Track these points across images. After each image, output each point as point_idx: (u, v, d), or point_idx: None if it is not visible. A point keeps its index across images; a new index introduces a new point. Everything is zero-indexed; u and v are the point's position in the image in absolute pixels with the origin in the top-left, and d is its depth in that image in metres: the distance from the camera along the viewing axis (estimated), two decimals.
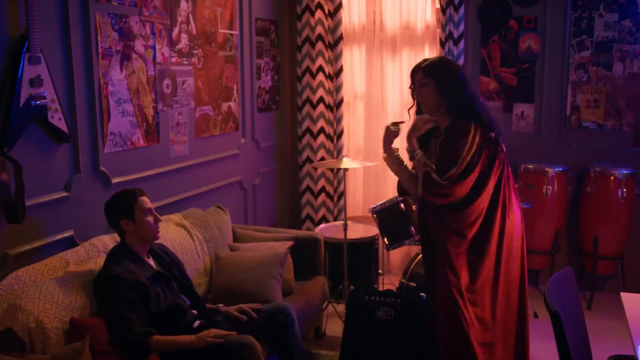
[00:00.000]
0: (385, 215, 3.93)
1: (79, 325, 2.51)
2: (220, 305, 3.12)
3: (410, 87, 2.92)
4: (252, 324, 3.03)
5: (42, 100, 2.71)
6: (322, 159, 5.26)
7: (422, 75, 2.82)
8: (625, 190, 4.48)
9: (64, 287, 2.62)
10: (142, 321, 2.62)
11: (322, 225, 4.77)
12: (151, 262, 2.91)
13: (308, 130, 5.26)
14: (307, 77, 5.20)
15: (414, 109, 2.97)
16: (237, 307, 3.09)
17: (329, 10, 5.14)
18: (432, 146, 2.91)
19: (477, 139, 2.71)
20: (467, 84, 2.83)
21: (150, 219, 2.83)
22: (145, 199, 2.85)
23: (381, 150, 2.99)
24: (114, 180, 3.28)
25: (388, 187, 5.29)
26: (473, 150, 2.70)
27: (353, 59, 5.34)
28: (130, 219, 2.79)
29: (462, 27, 4.81)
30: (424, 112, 2.89)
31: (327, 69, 5.19)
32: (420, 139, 2.91)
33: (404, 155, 2.94)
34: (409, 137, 2.89)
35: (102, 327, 2.55)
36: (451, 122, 2.79)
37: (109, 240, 3.09)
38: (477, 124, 2.72)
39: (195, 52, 3.94)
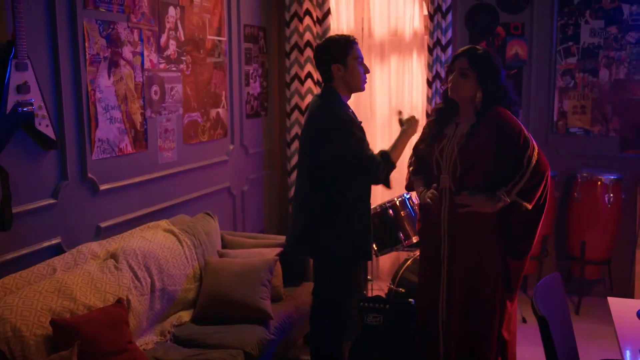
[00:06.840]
0: (374, 221, 3.93)
1: (60, 326, 2.45)
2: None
3: (446, 66, 2.94)
4: None
5: (29, 107, 2.70)
6: None
7: (467, 64, 2.74)
8: (612, 195, 4.52)
9: (44, 292, 2.57)
10: None
11: None
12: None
13: (297, 136, 5.25)
14: (296, 83, 5.21)
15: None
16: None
17: (317, 17, 5.15)
18: (450, 131, 2.83)
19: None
20: (507, 85, 2.81)
21: (361, 67, 2.88)
22: (358, 47, 2.91)
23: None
24: (102, 187, 3.26)
25: (377, 193, 5.28)
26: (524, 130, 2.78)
27: None
28: (343, 64, 2.83)
29: (449, 34, 4.84)
30: (452, 95, 2.80)
31: (316, 75, 5.18)
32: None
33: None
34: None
35: (86, 327, 2.48)
36: (483, 110, 2.76)
37: (97, 247, 3.07)
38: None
39: (183, 58, 3.94)
